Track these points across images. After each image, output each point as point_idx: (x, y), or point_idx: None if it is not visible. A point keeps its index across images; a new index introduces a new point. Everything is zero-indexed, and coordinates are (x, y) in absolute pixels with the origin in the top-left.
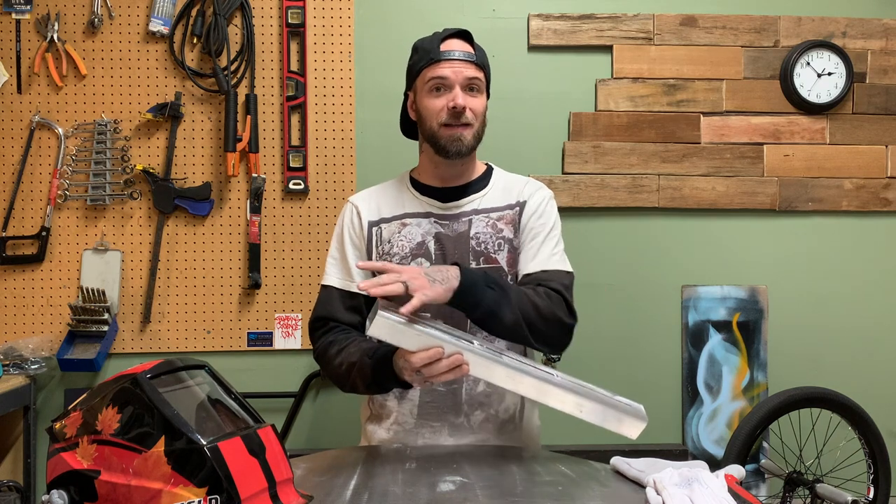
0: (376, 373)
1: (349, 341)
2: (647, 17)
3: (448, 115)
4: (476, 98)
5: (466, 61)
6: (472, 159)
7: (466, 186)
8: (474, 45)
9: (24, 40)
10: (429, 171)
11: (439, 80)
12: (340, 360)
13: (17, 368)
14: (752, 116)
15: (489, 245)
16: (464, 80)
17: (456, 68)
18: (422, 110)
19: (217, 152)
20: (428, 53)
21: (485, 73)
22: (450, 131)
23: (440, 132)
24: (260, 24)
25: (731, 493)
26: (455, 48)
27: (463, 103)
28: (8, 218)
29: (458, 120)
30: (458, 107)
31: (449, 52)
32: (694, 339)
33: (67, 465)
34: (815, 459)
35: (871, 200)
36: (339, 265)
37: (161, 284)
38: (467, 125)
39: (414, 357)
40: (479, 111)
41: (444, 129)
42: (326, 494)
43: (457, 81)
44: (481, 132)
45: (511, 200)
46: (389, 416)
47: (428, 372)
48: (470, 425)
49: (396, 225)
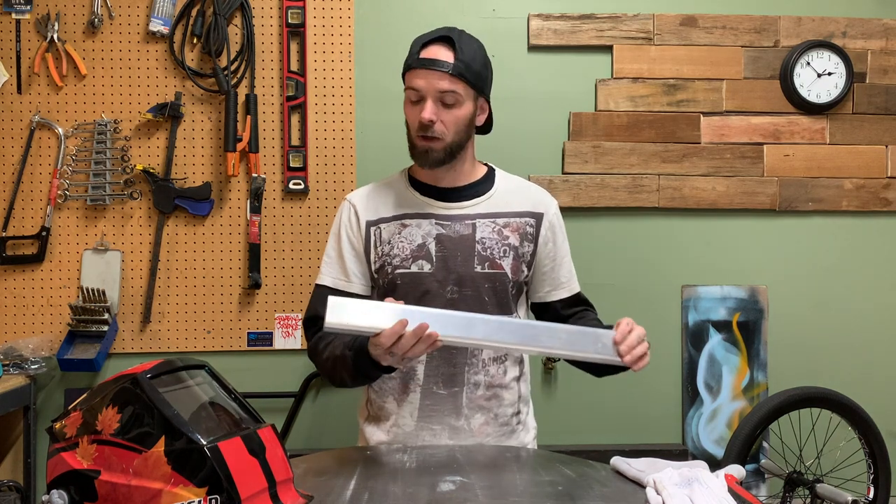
0: (357, 363)
1: (333, 335)
2: (647, 17)
3: (418, 128)
4: (450, 111)
5: (441, 72)
6: (466, 161)
7: (468, 188)
8: (457, 50)
9: (24, 40)
10: (427, 171)
11: (413, 91)
12: (327, 355)
13: (17, 368)
14: (752, 116)
15: (495, 251)
16: (436, 93)
17: (430, 79)
18: (405, 116)
19: (217, 152)
20: (410, 58)
21: (467, 81)
22: (421, 143)
23: (415, 142)
24: (260, 24)
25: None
26: (433, 56)
27: (429, 117)
28: (8, 218)
29: (426, 132)
30: (424, 121)
31: (425, 60)
32: (694, 339)
33: (67, 465)
34: (815, 459)
35: (871, 200)
36: (334, 264)
37: (161, 284)
38: (437, 139)
39: (380, 338)
40: (452, 122)
41: (417, 140)
42: (326, 494)
43: (428, 93)
44: (459, 142)
45: (520, 209)
46: (388, 419)
47: (399, 349)
48: (470, 428)
49: (396, 225)
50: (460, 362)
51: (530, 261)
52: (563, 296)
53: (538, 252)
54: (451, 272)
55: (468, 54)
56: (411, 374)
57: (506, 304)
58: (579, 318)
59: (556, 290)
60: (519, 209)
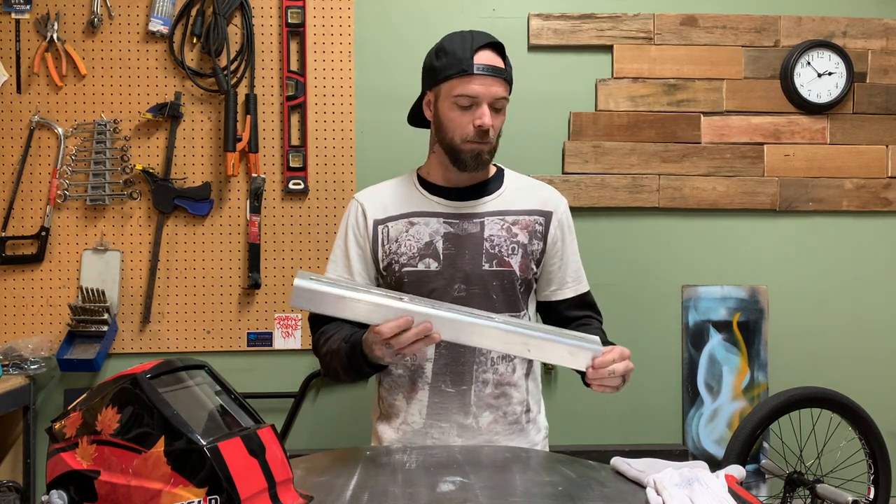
0: (350, 356)
1: (336, 330)
2: (648, 16)
3: (475, 134)
4: (498, 116)
5: (497, 77)
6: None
7: (478, 187)
8: (505, 59)
9: (24, 40)
10: (439, 172)
11: (469, 98)
12: (326, 349)
13: (17, 368)
14: (753, 116)
15: (503, 248)
16: (492, 99)
17: (489, 86)
18: (445, 121)
19: (217, 152)
20: (460, 63)
21: (511, 88)
22: (473, 147)
23: (462, 146)
24: (260, 24)
25: (731, 494)
26: (487, 62)
27: (490, 123)
28: (8, 218)
29: (483, 139)
30: (486, 127)
31: (482, 66)
32: (694, 339)
33: (67, 465)
34: (815, 460)
35: (871, 200)
36: (338, 262)
37: (161, 284)
38: (488, 143)
39: (383, 327)
40: (498, 129)
41: (466, 145)
42: (326, 494)
43: (485, 100)
44: (497, 146)
45: (530, 206)
46: (398, 416)
47: (397, 343)
48: (478, 426)
49: (404, 224)
50: (469, 360)
51: (539, 259)
52: (567, 295)
53: (547, 250)
54: (458, 270)
55: (509, 64)
56: (420, 371)
57: (514, 302)
58: (582, 324)
59: (562, 290)
60: (528, 207)
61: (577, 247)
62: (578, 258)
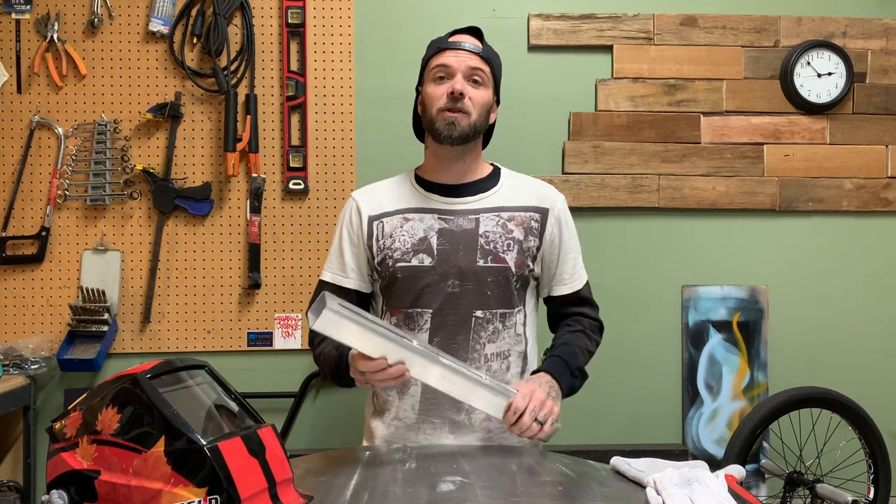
0: (337, 364)
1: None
2: (648, 16)
3: (447, 100)
4: (478, 90)
5: (471, 52)
6: (476, 157)
7: (474, 184)
8: (483, 42)
9: (24, 40)
10: (434, 167)
11: (443, 67)
12: (320, 350)
13: (17, 368)
14: (753, 116)
15: (498, 244)
16: (466, 70)
17: (460, 57)
18: (425, 98)
19: (217, 152)
20: (437, 45)
21: (491, 69)
22: (447, 115)
23: (437, 116)
24: (260, 24)
25: (731, 494)
26: (462, 39)
27: (461, 88)
28: (8, 218)
29: (456, 104)
30: (456, 91)
31: (456, 42)
32: (694, 339)
33: (67, 465)
34: (815, 459)
35: (871, 200)
36: (334, 260)
37: (161, 284)
38: (464, 112)
39: (360, 364)
40: (478, 102)
41: (441, 114)
42: (326, 494)
43: (459, 69)
44: (480, 125)
45: (526, 203)
46: (390, 411)
47: (371, 378)
48: (471, 423)
49: (398, 219)
50: (461, 357)
51: (536, 255)
52: (563, 292)
53: (544, 247)
54: (452, 266)
55: (490, 49)
56: None
57: (508, 298)
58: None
59: (558, 286)
60: (524, 203)
61: (576, 243)
62: (577, 254)
